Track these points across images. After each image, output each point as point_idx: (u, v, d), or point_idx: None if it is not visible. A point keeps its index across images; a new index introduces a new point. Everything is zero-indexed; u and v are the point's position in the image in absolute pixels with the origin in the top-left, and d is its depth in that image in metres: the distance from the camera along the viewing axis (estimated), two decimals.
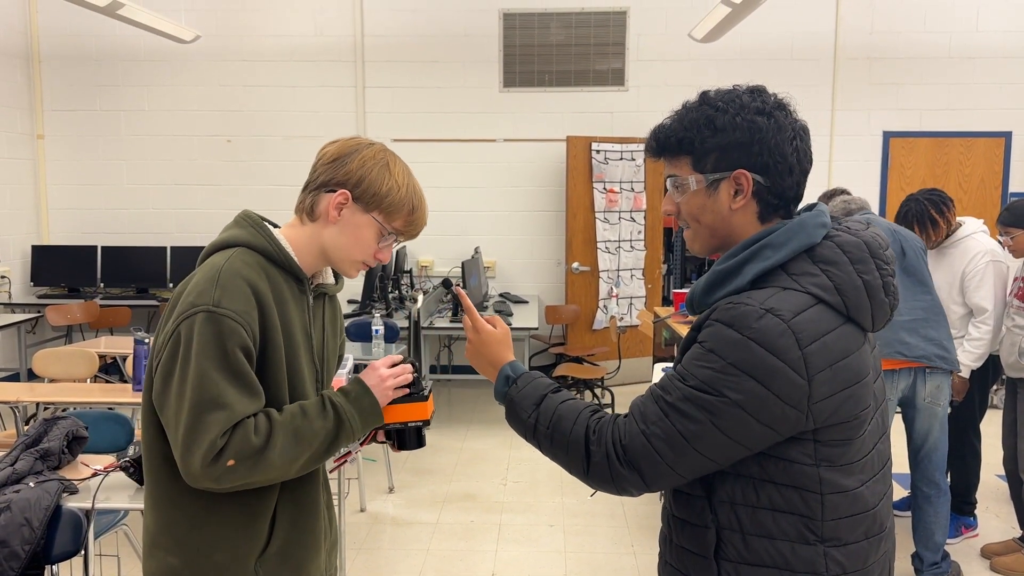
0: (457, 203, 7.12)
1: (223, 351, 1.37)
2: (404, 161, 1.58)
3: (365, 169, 1.50)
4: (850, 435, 1.25)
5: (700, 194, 1.34)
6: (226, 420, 1.36)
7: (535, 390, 1.38)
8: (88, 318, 6.32)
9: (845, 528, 1.26)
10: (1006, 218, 3.57)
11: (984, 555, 3.75)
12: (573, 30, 6.94)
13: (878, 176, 7.01)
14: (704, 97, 1.35)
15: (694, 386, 1.21)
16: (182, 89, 7.12)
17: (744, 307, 1.21)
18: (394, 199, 1.51)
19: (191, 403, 1.36)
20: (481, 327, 1.50)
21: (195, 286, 1.42)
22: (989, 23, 6.84)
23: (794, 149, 1.30)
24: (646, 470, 1.24)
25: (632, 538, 3.98)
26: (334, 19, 6.99)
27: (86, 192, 7.21)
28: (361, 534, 4.03)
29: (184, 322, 1.38)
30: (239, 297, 1.40)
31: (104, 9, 5.27)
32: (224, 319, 1.38)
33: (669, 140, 1.37)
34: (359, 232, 1.52)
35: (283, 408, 1.45)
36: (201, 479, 1.37)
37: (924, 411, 3.38)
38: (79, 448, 2.83)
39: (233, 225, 1.54)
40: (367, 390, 1.52)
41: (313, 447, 1.45)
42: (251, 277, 1.44)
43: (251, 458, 1.37)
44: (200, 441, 1.34)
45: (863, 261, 1.27)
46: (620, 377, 6.74)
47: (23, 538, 2.38)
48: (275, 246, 1.50)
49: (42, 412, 4.04)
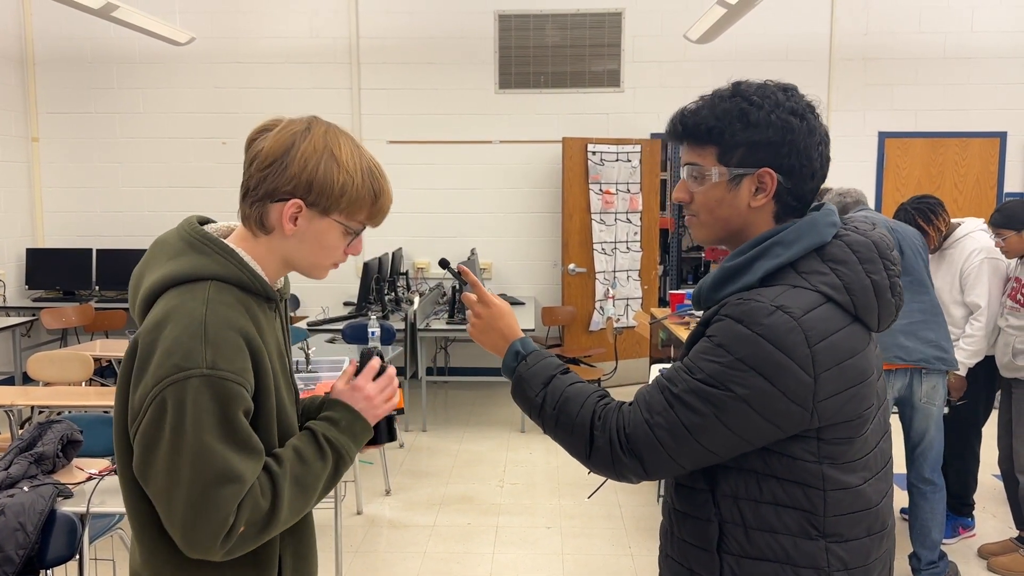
0: (453, 205, 7.11)
1: (225, 419, 1.21)
2: (348, 135, 1.36)
3: (309, 169, 1.29)
4: (853, 433, 1.25)
5: (720, 187, 1.31)
6: (238, 493, 1.21)
7: (544, 369, 1.39)
8: (83, 321, 6.30)
9: (847, 524, 1.26)
10: (997, 220, 3.58)
11: (981, 555, 3.76)
12: (568, 31, 6.94)
13: (873, 177, 7.02)
14: (738, 88, 1.31)
15: (701, 379, 1.21)
16: (177, 91, 7.10)
17: (754, 303, 1.21)
18: (351, 194, 1.31)
19: (191, 481, 1.19)
20: (490, 300, 1.49)
21: (176, 343, 1.20)
22: (984, 24, 6.85)
23: (820, 155, 1.30)
24: (647, 458, 1.25)
25: (630, 539, 3.98)
26: (329, 21, 6.98)
27: (81, 195, 7.20)
28: (358, 537, 4.02)
29: (171, 388, 1.18)
30: (235, 354, 1.23)
31: (98, 12, 5.25)
32: (225, 383, 1.20)
33: (699, 127, 1.30)
34: (322, 239, 1.34)
35: (278, 457, 1.30)
36: (211, 556, 1.22)
37: (920, 410, 3.39)
38: (74, 452, 2.82)
39: (188, 249, 1.31)
40: (357, 415, 1.40)
41: (317, 490, 1.35)
42: (239, 323, 1.26)
43: (261, 522, 1.25)
44: (210, 519, 1.19)
45: (872, 261, 1.27)
46: (617, 378, 6.74)
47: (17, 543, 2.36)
48: (249, 274, 1.32)
49: (37, 416, 4.02)
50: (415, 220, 7.09)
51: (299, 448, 1.33)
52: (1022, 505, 3.62)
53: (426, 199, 7.09)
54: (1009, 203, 3.61)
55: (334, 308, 6.55)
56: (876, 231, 1.33)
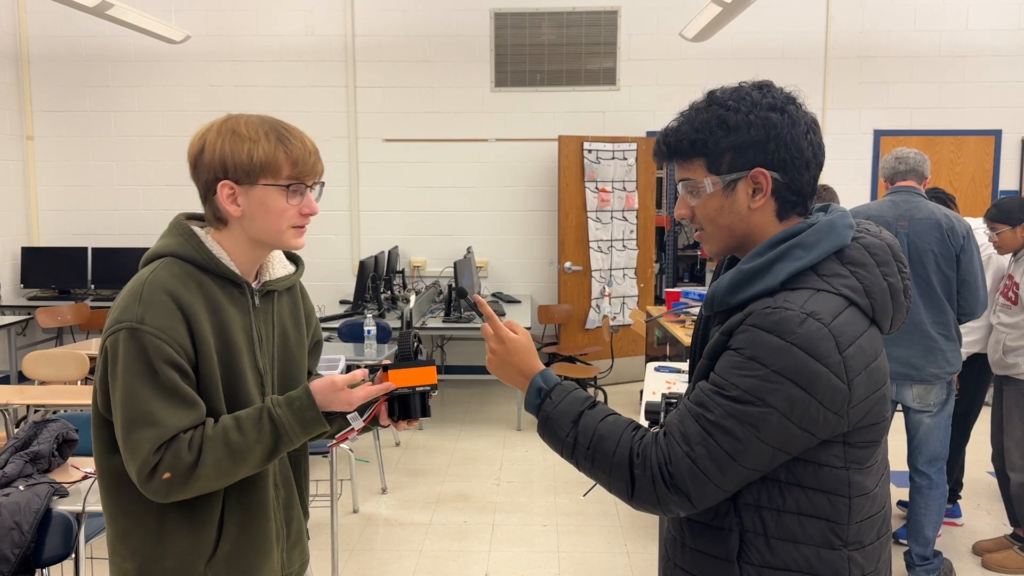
0: (449, 203, 7.11)
1: (150, 367, 1.37)
2: (254, 114, 1.49)
3: (218, 152, 1.44)
4: (878, 436, 1.26)
5: (717, 196, 1.30)
6: (157, 437, 1.37)
7: (571, 406, 1.33)
8: (79, 320, 6.29)
9: (865, 530, 1.27)
10: (993, 214, 3.59)
11: (976, 552, 3.77)
12: (564, 29, 6.94)
13: (869, 175, 7.04)
14: (712, 97, 1.31)
15: (736, 397, 1.19)
16: (172, 89, 7.09)
17: (785, 312, 1.18)
18: (260, 156, 1.43)
19: (123, 419, 1.38)
20: (505, 336, 1.41)
21: (120, 301, 1.42)
22: (979, 22, 6.87)
23: (809, 143, 1.28)
24: (694, 492, 1.21)
25: (626, 537, 3.99)
26: (325, 19, 6.98)
27: (76, 193, 7.18)
28: (354, 535, 4.02)
29: (109, 338, 1.40)
30: (162, 312, 1.39)
31: (94, 10, 5.24)
32: (146, 335, 1.37)
33: (681, 143, 1.31)
34: (265, 206, 1.46)
35: (218, 421, 1.44)
36: (145, 492, 1.40)
37: (914, 409, 3.42)
38: (69, 451, 2.81)
39: (165, 234, 1.51)
40: (312, 403, 1.47)
41: (249, 461, 1.44)
42: (175, 289, 1.42)
43: (184, 473, 1.38)
44: (135, 457, 1.37)
45: (888, 264, 1.27)
46: (613, 376, 6.75)
47: (13, 542, 2.36)
48: (204, 254, 1.47)
49: (32, 415, 4.02)
50: (411, 218, 7.09)
51: (240, 417, 1.45)
52: (1015, 502, 3.63)
53: (422, 197, 7.09)
54: (1005, 199, 3.62)
55: (330, 307, 6.55)
56: (884, 233, 1.32)
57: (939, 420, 3.41)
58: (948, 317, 3.32)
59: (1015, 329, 3.52)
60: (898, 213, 3.34)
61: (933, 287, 3.30)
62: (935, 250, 3.28)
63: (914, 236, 3.30)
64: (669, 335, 5.03)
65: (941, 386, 3.37)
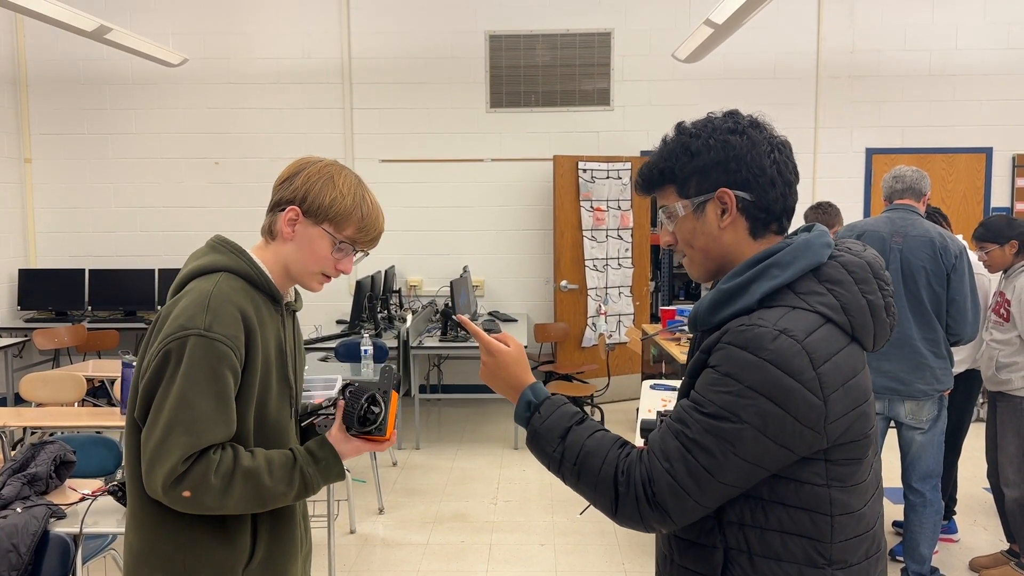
0: (445, 223, 7.15)
1: (213, 373, 1.43)
2: (357, 175, 1.63)
3: (310, 184, 1.57)
4: (860, 454, 1.27)
5: (689, 219, 1.36)
6: (190, 446, 1.41)
7: (559, 420, 1.35)
8: (76, 341, 6.29)
9: (851, 550, 1.27)
10: (981, 233, 3.63)
11: (972, 568, 3.77)
12: (559, 51, 7.02)
13: (861, 193, 7.09)
14: (679, 127, 1.38)
15: (712, 413, 1.21)
16: (170, 112, 7.14)
17: (758, 329, 1.21)
18: (339, 208, 1.56)
19: (165, 421, 1.41)
20: (495, 349, 1.44)
21: (184, 310, 1.47)
22: (968, 41, 6.95)
23: (772, 161, 1.32)
24: (673, 508, 1.23)
25: (623, 556, 3.98)
26: (321, 42, 7.04)
27: (74, 215, 7.21)
28: (351, 556, 4.01)
29: (174, 343, 1.44)
30: (229, 322, 1.47)
31: (92, 34, 5.29)
32: (215, 343, 1.44)
33: (652, 173, 1.39)
34: (312, 244, 1.58)
35: (255, 455, 1.49)
36: (158, 496, 1.44)
37: (907, 426, 3.44)
38: (67, 473, 2.82)
39: (210, 251, 1.59)
40: (337, 461, 1.59)
41: (272, 504, 1.52)
42: (240, 302, 1.51)
43: (206, 496, 1.43)
44: (164, 461, 1.41)
45: (867, 281, 1.29)
46: (609, 394, 6.75)
47: (10, 564, 2.37)
48: (255, 270, 1.57)
49: (29, 437, 4.02)
50: (407, 238, 7.12)
51: (275, 464, 1.51)
52: (1010, 518, 3.64)
53: (418, 217, 7.13)
54: (992, 217, 3.65)
55: (327, 326, 6.56)
56: (868, 251, 1.34)
57: (931, 437, 3.43)
58: (938, 334, 3.35)
59: (1007, 346, 3.54)
60: (893, 229, 3.39)
61: (923, 303, 3.33)
62: (927, 267, 3.32)
63: (908, 252, 3.34)
64: (665, 353, 5.04)
65: (932, 403, 3.39)
